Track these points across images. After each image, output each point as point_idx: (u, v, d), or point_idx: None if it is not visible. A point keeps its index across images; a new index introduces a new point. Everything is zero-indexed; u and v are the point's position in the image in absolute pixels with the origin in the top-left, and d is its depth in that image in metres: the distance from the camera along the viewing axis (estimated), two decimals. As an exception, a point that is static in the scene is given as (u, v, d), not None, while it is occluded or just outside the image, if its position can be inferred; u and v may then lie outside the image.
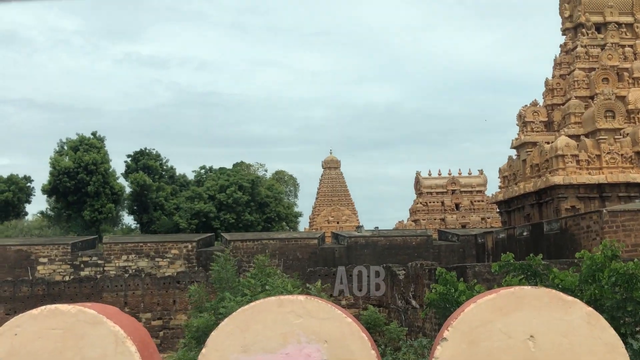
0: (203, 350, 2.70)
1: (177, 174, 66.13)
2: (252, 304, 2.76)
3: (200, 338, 15.55)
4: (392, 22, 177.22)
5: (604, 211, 29.53)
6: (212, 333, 2.72)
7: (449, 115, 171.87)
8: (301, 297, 2.75)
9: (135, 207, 60.03)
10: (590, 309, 2.55)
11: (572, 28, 43.90)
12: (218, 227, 54.44)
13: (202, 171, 64.76)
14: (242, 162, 68.29)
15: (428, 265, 29.86)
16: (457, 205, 71.81)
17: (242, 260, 39.38)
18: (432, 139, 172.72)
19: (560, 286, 12.42)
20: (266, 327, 2.70)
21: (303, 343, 2.66)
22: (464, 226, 65.40)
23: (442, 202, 71.84)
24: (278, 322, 2.70)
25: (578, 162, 37.70)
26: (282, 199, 62.34)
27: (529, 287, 2.60)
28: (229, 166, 64.46)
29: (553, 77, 44.05)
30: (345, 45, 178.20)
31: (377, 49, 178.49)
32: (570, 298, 2.56)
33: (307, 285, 18.54)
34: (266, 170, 73.09)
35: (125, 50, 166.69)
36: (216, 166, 64.10)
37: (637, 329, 10.78)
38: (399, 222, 73.48)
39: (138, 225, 61.37)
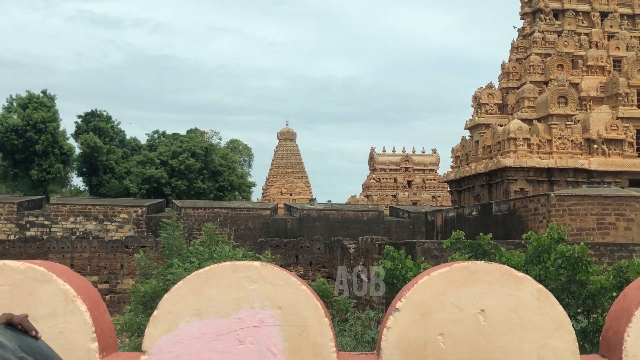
0: (155, 312, 2.66)
1: (129, 137, 65.02)
2: (207, 268, 2.73)
3: (147, 303, 15.42)
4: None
5: (552, 195, 30.22)
6: (165, 295, 2.69)
7: (405, 93, 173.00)
8: (257, 263, 2.73)
9: (84, 169, 58.91)
10: (540, 285, 2.60)
11: (531, 13, 44.41)
12: (169, 193, 53.89)
13: (155, 136, 63.78)
14: (196, 128, 67.56)
15: (378, 240, 30.20)
16: (409, 183, 72.54)
17: (193, 228, 39.17)
18: (388, 116, 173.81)
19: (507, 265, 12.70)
20: (220, 292, 2.68)
21: (257, 309, 2.65)
22: (415, 203, 66.17)
23: (395, 179, 72.47)
24: (232, 287, 2.68)
25: (529, 145, 38.41)
26: (235, 168, 61.96)
27: (482, 262, 2.64)
28: (183, 132, 63.70)
29: (509, 60, 44.61)
30: (305, 17, 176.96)
31: (336, 23, 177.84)
32: (521, 274, 2.61)
33: (257, 255, 18.51)
34: (220, 139, 72.58)
35: (77, 7, 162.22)
36: (169, 131, 63.28)
37: (579, 310, 11.11)
38: (352, 196, 73.91)
39: (87, 187, 60.32)
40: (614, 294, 11.96)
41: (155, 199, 48.11)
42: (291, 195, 73.72)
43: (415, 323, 2.61)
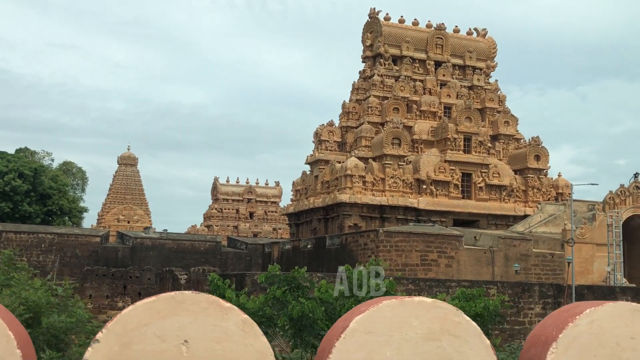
0: None
1: (-50, 152, 59.77)
2: None
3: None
4: (204, 25, 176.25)
5: (380, 231, 31.41)
6: None
7: (251, 125, 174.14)
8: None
9: None
10: (246, 316, 2.56)
11: (372, 57, 46.49)
12: (-9, 215, 50.10)
13: (-21, 153, 59.07)
14: (26, 148, 63.33)
15: (211, 270, 29.76)
16: (251, 214, 72.65)
17: (15, 254, 36.56)
18: (233, 146, 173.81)
19: (321, 298, 12.93)
20: None
21: None
22: (255, 235, 66.28)
23: (237, 210, 72.32)
24: None
25: (364, 183, 39.83)
26: (67, 191, 58.74)
27: (190, 292, 2.56)
28: (11, 151, 59.54)
29: (350, 100, 46.27)
30: (153, 40, 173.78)
31: (186, 49, 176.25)
32: (228, 305, 2.56)
33: (57, 284, 17.42)
34: (53, 160, 68.26)
35: None
36: (-5, 149, 58.83)
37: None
38: (192, 226, 72.74)
39: None
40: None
41: (-26, 221, 44.53)
42: (129, 222, 71.22)
43: (114, 355, 2.47)
